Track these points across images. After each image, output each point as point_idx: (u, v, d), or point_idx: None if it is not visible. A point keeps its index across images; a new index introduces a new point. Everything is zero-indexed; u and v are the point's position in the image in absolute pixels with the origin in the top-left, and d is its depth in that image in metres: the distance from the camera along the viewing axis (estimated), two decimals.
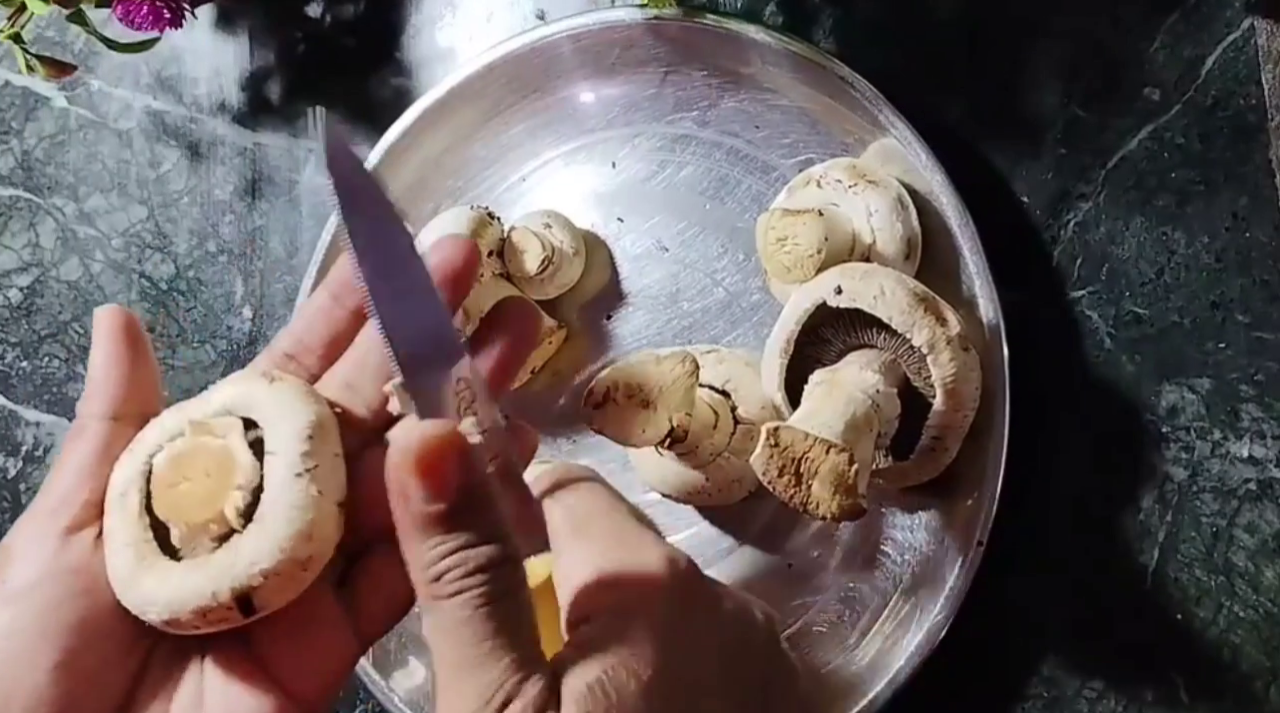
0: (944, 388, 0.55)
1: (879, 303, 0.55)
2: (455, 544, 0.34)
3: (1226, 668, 0.57)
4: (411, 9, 0.71)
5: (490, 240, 0.63)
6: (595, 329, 0.67)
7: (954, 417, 0.56)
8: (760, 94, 0.64)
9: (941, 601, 0.58)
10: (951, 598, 0.58)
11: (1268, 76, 0.58)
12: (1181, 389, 0.59)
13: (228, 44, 0.73)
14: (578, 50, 0.66)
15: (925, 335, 0.54)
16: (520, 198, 0.68)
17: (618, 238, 0.67)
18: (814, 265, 0.57)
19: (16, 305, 0.76)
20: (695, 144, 0.66)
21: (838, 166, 0.60)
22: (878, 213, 0.59)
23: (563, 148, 0.68)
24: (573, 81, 0.67)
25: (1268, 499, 0.58)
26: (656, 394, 0.54)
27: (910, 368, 0.56)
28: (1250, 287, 0.58)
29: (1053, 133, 0.61)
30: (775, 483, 0.51)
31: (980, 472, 0.57)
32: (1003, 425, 0.57)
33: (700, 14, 0.63)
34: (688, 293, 0.65)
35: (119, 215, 0.75)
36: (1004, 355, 0.57)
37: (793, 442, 0.50)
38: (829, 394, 0.54)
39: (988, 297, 0.58)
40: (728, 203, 0.65)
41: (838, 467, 0.50)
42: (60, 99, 0.76)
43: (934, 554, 0.59)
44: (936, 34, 0.63)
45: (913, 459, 0.57)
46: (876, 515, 0.61)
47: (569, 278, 0.65)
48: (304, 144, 0.72)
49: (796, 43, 0.62)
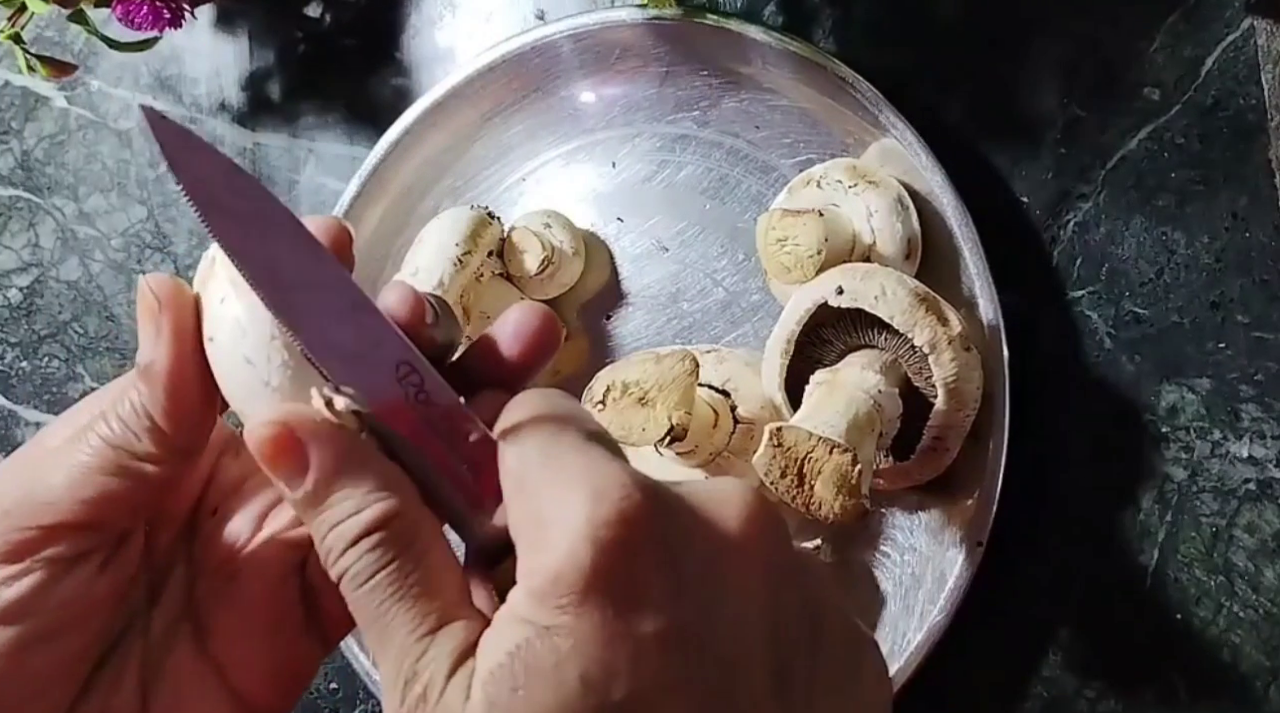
0: (945, 387, 0.55)
1: (880, 303, 0.55)
2: (330, 521, 0.32)
3: (1226, 668, 0.57)
4: (411, 9, 0.71)
5: (490, 240, 0.63)
6: (595, 329, 0.67)
7: (955, 416, 0.56)
8: (760, 94, 0.64)
9: (942, 601, 0.58)
10: (951, 598, 0.58)
11: (1267, 77, 0.58)
12: (1181, 389, 0.59)
13: (228, 44, 0.73)
14: (577, 50, 0.66)
15: (927, 335, 0.54)
16: (520, 198, 0.68)
17: (618, 238, 0.67)
18: (814, 266, 0.57)
19: (16, 305, 0.76)
20: (695, 144, 0.66)
21: (838, 167, 0.60)
22: (878, 213, 0.59)
23: (562, 148, 0.68)
24: (572, 81, 0.67)
25: (1267, 499, 0.58)
26: (656, 392, 0.54)
27: (911, 368, 0.57)
28: (1250, 287, 0.58)
29: (1053, 133, 0.61)
30: (778, 484, 0.51)
31: (980, 472, 0.58)
32: (1003, 425, 0.57)
33: (700, 14, 0.63)
34: (688, 293, 0.65)
35: (119, 215, 0.75)
36: (1004, 356, 0.57)
37: (796, 442, 0.50)
38: (830, 395, 0.54)
39: (988, 297, 0.58)
40: (728, 203, 0.65)
41: (841, 467, 0.50)
42: (60, 99, 0.76)
43: (934, 554, 0.60)
44: (936, 34, 0.63)
45: (914, 459, 0.57)
46: (877, 517, 0.61)
47: (569, 278, 0.65)
48: (304, 144, 0.72)
49: (796, 43, 0.62)
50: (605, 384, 0.56)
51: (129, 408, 0.35)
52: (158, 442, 0.35)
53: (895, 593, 0.60)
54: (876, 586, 0.61)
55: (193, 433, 0.36)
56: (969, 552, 0.57)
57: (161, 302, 0.35)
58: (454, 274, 0.61)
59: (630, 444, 0.56)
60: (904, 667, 0.58)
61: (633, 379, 0.55)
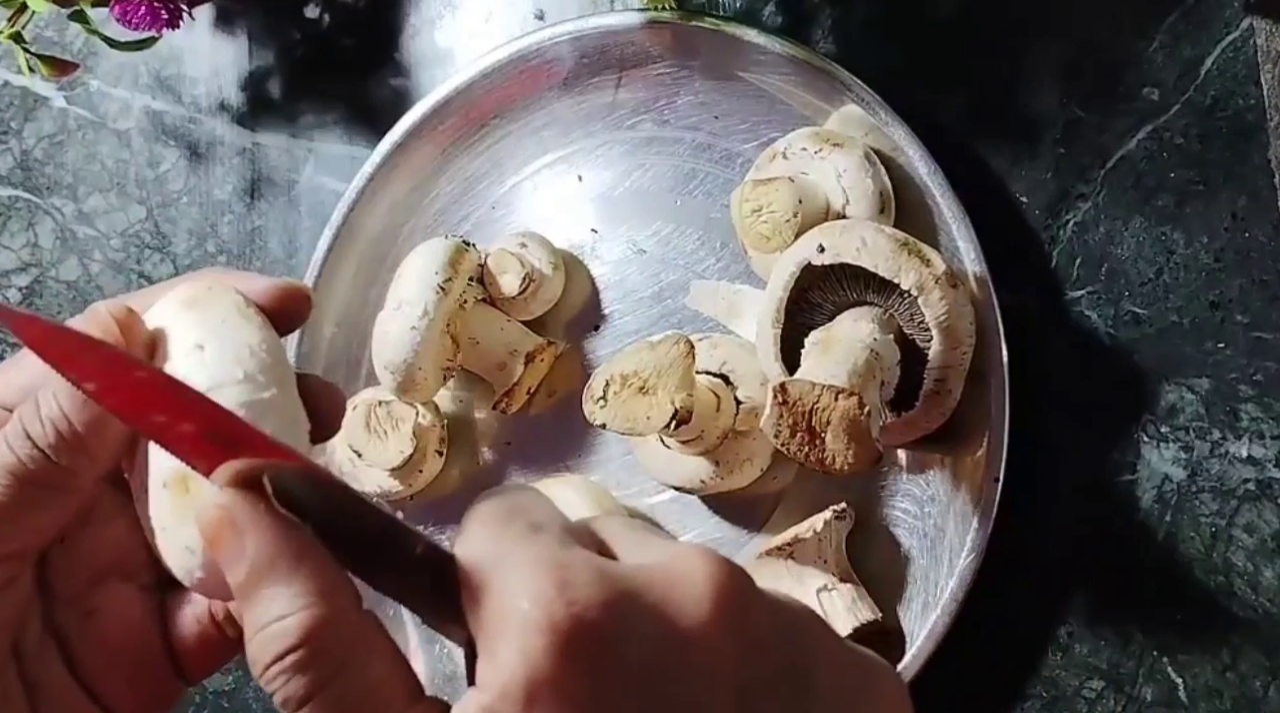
0: (939, 327, 0.55)
1: (863, 253, 0.55)
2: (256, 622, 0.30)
3: (1226, 668, 0.57)
4: (411, 9, 0.71)
5: (469, 267, 0.64)
6: (585, 342, 0.67)
7: (953, 355, 0.56)
8: (714, 83, 0.64)
9: (969, 543, 0.58)
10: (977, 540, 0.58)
11: (1267, 77, 0.58)
12: (1181, 389, 0.59)
13: (227, 44, 0.73)
14: (526, 73, 0.66)
15: (913, 277, 0.55)
16: (491, 225, 0.68)
17: (594, 248, 0.67)
18: (792, 230, 0.57)
19: (15, 306, 0.76)
20: (658, 144, 0.66)
21: (801, 136, 0.61)
22: (847, 172, 0.59)
23: (526, 170, 0.68)
24: (528, 104, 0.67)
25: (1267, 499, 0.58)
26: (655, 379, 0.55)
27: (902, 317, 0.57)
28: (1249, 287, 0.58)
29: (1052, 133, 0.61)
30: (789, 444, 0.51)
31: (985, 413, 0.58)
32: (1001, 362, 0.57)
33: (700, 16, 0.64)
34: (671, 290, 0.65)
35: (118, 215, 0.75)
36: (992, 295, 0.57)
37: (801, 395, 0.50)
38: (827, 350, 0.54)
39: (966, 239, 0.58)
40: (697, 195, 0.65)
41: (849, 412, 0.50)
42: (59, 99, 0.76)
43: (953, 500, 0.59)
44: (935, 34, 0.63)
45: (918, 407, 0.57)
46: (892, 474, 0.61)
47: (551, 295, 0.66)
48: (303, 144, 0.72)
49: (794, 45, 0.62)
50: (604, 379, 0.56)
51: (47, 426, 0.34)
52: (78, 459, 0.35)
53: (921, 546, 0.60)
54: (898, 545, 0.61)
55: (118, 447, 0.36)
56: (987, 490, 0.57)
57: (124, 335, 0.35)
58: (438, 302, 0.61)
59: (638, 434, 0.56)
60: (940, 616, 0.58)
61: (630, 370, 0.55)
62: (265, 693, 0.30)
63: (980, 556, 0.57)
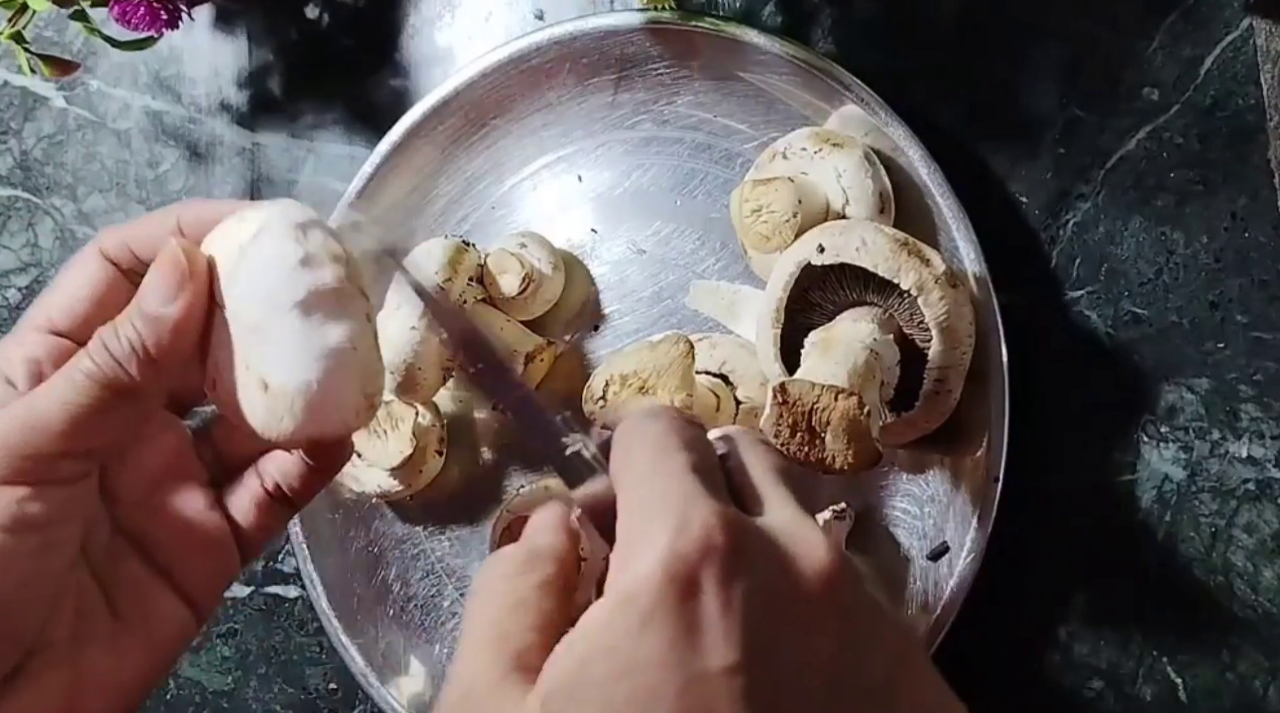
0: (939, 327, 0.55)
1: (862, 252, 0.55)
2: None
3: (1226, 668, 0.57)
4: (410, 9, 0.71)
5: (469, 267, 0.63)
6: (585, 342, 0.67)
7: (953, 355, 0.56)
8: (714, 83, 0.64)
9: (969, 544, 0.58)
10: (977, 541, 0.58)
11: (1266, 77, 0.58)
12: (1180, 389, 0.59)
13: (227, 44, 0.73)
14: (526, 73, 0.66)
15: (913, 277, 0.55)
16: (491, 225, 0.68)
17: (594, 248, 0.67)
18: (791, 229, 0.57)
19: (15, 306, 0.76)
20: (657, 144, 0.66)
21: (801, 136, 0.61)
22: (846, 172, 0.59)
23: (526, 170, 0.68)
24: (528, 104, 0.67)
25: (1266, 499, 0.58)
26: (655, 379, 0.55)
27: (902, 317, 0.57)
28: (1249, 287, 0.58)
29: (1051, 133, 0.61)
30: (788, 444, 0.51)
31: (985, 413, 0.58)
32: (1001, 363, 0.57)
33: (700, 16, 0.63)
34: (670, 290, 0.65)
35: (118, 216, 0.75)
36: (992, 295, 0.57)
37: (801, 395, 0.50)
38: (827, 350, 0.54)
39: (965, 238, 0.58)
40: (697, 196, 0.65)
41: (849, 412, 0.50)
42: (59, 99, 0.76)
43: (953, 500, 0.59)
44: (935, 34, 0.63)
45: (919, 406, 0.57)
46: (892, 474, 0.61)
47: (551, 294, 0.66)
48: (303, 144, 0.72)
49: (794, 45, 0.62)
50: (604, 379, 0.56)
51: (125, 345, 0.39)
52: (148, 375, 0.39)
53: (921, 547, 0.60)
54: (898, 545, 0.61)
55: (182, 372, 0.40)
56: (987, 490, 0.57)
57: (192, 272, 0.39)
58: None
59: None
60: (941, 616, 0.58)
61: (630, 370, 0.55)
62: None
63: (980, 556, 0.57)
